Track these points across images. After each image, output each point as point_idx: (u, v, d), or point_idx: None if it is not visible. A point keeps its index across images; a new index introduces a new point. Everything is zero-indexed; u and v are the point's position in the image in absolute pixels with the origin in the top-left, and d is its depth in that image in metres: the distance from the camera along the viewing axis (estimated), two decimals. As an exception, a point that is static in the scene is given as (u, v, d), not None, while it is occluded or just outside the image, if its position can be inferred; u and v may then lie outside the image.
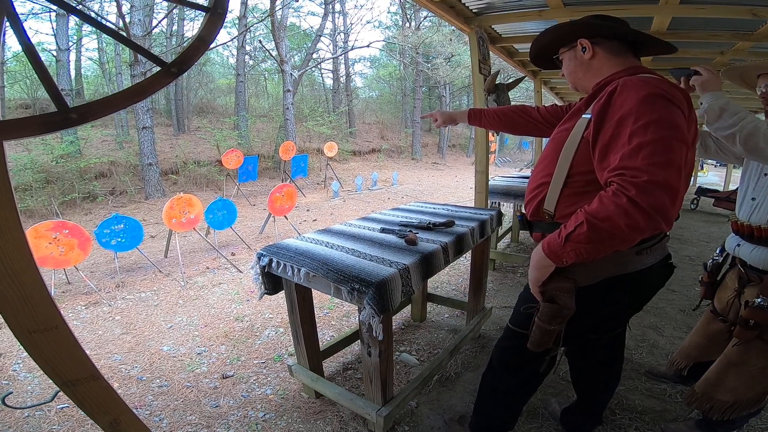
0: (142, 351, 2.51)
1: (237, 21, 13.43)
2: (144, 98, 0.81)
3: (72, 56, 9.94)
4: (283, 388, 2.08)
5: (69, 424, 1.82)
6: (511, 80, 2.89)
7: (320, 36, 15.90)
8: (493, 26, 3.29)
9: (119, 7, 7.34)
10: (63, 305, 3.18)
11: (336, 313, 2.94)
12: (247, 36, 13.88)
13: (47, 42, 12.30)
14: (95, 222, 6.66)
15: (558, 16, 2.85)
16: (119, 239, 3.61)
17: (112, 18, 9.92)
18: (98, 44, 14.51)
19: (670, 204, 0.82)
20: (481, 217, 2.14)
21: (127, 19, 7.78)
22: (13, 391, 1.98)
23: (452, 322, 2.73)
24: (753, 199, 1.41)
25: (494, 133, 3.34)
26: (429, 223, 1.90)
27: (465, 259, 3.64)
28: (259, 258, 1.64)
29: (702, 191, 7.08)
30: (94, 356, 2.44)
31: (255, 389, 2.09)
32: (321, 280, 1.42)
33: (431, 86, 20.34)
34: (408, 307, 2.81)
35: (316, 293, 1.96)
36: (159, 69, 0.84)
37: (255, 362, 2.34)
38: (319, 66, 18.45)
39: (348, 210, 7.26)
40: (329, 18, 17.31)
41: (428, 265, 1.54)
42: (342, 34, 19.02)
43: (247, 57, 16.06)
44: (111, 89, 12.46)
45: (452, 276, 3.55)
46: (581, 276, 1.03)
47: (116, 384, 2.18)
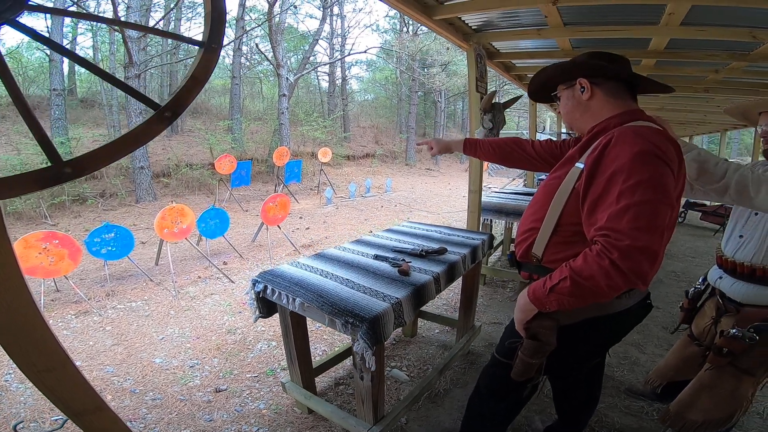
0: (134, 363, 2.51)
1: (234, 23, 13.42)
2: (139, 146, 0.82)
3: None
4: (276, 403, 2.10)
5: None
6: (507, 99, 2.92)
7: (318, 40, 15.93)
8: (492, 43, 3.37)
9: (115, 7, 7.32)
10: (52, 314, 3.17)
11: (328, 327, 2.97)
12: (244, 37, 13.84)
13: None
14: (84, 225, 6.61)
15: (557, 35, 2.92)
16: (110, 248, 3.60)
17: (109, 16, 9.82)
18: (93, 42, 14.39)
19: (649, 268, 0.87)
20: (473, 243, 2.20)
21: (122, 19, 7.74)
22: (24, 421, 1.97)
23: (442, 338, 2.78)
24: (741, 236, 1.47)
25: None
26: (422, 251, 1.95)
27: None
28: (254, 284, 1.68)
29: (689, 205, 7.21)
30: (86, 367, 2.45)
31: (248, 403, 2.12)
32: (315, 311, 1.47)
33: (426, 92, 20.49)
34: (399, 322, 2.86)
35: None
36: (153, 113, 0.83)
37: (248, 376, 2.37)
38: (316, 69, 18.48)
39: (341, 218, 7.29)
40: (327, 21, 17.36)
41: (420, 297, 1.60)
42: (339, 38, 19.08)
43: (243, 59, 16.02)
44: (105, 88, 12.32)
45: (444, 292, 3.58)
46: (563, 316, 1.09)
47: (109, 396, 2.19)
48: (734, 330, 1.39)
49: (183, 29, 15.55)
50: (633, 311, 1.15)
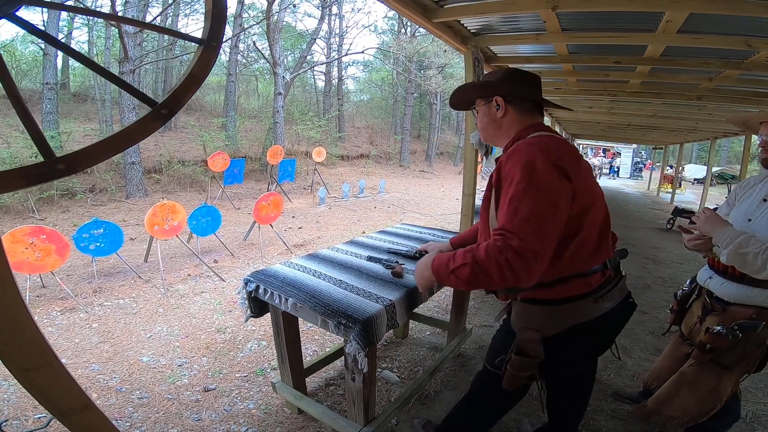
0: (121, 361, 2.47)
1: (232, 20, 13.33)
2: (134, 144, 0.81)
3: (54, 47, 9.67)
4: (266, 403, 2.08)
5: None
6: None
7: (315, 39, 15.89)
8: (490, 47, 3.38)
9: (113, 2, 7.25)
10: (37, 311, 3.11)
11: (319, 327, 2.95)
12: (241, 35, 13.76)
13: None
14: (73, 220, 6.51)
15: (555, 41, 2.93)
16: (98, 244, 3.55)
17: (106, 10, 9.71)
18: (88, 37, 14.21)
19: (538, 268, 0.98)
20: (466, 244, 2.20)
21: (120, 14, 7.67)
22: (8, 420, 1.93)
23: (433, 340, 2.78)
24: None
25: (482, 157, 3.40)
26: (416, 252, 1.94)
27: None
28: (246, 284, 1.67)
29: (678, 211, 7.28)
30: (71, 365, 2.40)
31: (237, 403, 2.09)
32: (308, 312, 1.46)
33: (422, 93, 20.54)
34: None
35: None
36: (149, 111, 0.82)
37: (237, 375, 2.34)
38: (312, 69, 18.43)
39: (334, 218, 7.26)
40: (325, 20, 17.33)
41: (413, 299, 1.59)
42: (337, 38, 19.05)
43: (240, 56, 15.93)
44: (98, 83, 12.16)
45: (435, 295, 3.59)
46: (548, 328, 1.15)
47: (95, 395, 2.15)
48: (719, 327, 1.43)
49: (180, 25, 15.44)
50: (615, 313, 1.20)
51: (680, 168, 13.40)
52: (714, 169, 14.13)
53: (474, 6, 2.51)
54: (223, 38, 0.95)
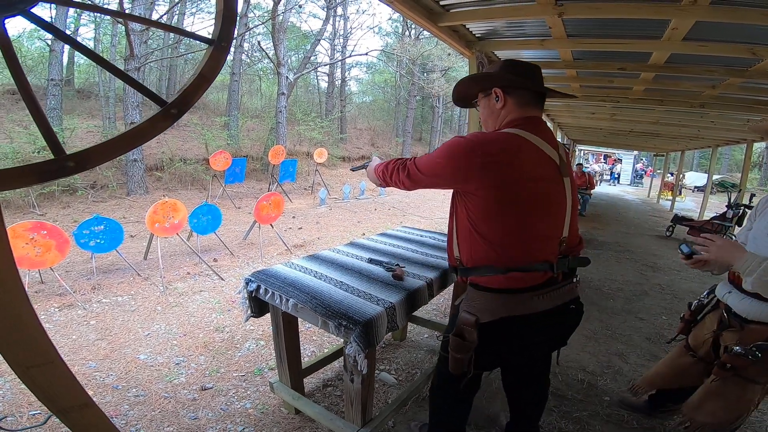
0: (118, 358, 2.47)
1: (237, 19, 13.34)
2: (144, 142, 0.81)
3: (66, 44, 9.73)
4: (263, 403, 2.08)
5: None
6: None
7: (320, 40, 15.92)
8: (494, 51, 3.38)
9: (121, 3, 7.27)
10: (35, 306, 3.04)
11: (318, 328, 2.94)
12: (246, 34, 13.80)
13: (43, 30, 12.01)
14: (73, 216, 6.51)
15: (560, 47, 2.94)
16: (98, 240, 3.54)
17: (114, 7, 9.75)
18: (95, 34, 14.25)
19: (409, 178, 1.27)
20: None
21: (127, 12, 7.68)
22: (9, 416, 1.92)
23: (431, 343, 2.77)
24: None
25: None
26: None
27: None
28: (247, 283, 1.67)
29: (677, 219, 7.30)
30: (68, 362, 2.34)
31: (234, 402, 2.09)
32: (309, 313, 1.46)
33: (425, 96, 20.56)
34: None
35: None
36: (159, 110, 0.82)
37: (235, 375, 2.34)
38: (316, 69, 18.47)
39: (334, 219, 7.26)
40: (330, 21, 17.37)
41: (413, 302, 1.60)
42: (341, 39, 19.09)
43: (244, 55, 15.95)
44: (103, 80, 12.18)
45: (434, 298, 3.57)
46: (483, 314, 1.18)
47: (91, 392, 2.12)
48: (738, 348, 1.42)
49: (186, 24, 15.49)
50: (554, 314, 1.21)
51: (681, 175, 13.41)
52: (715, 177, 14.11)
53: (480, 11, 2.52)
54: (233, 40, 0.95)
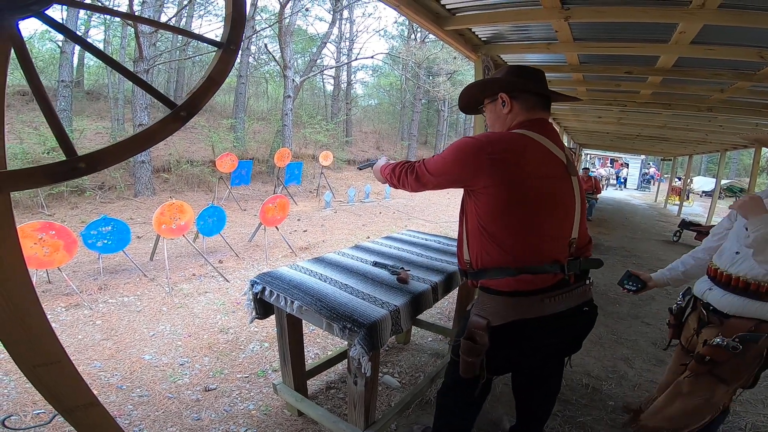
0: (123, 358, 2.48)
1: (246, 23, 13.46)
2: (154, 144, 0.82)
3: (76, 46, 9.88)
4: (266, 404, 2.08)
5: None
6: None
7: (326, 43, 16.02)
8: (500, 55, 3.38)
9: (131, 2, 7.37)
10: (42, 306, 3.12)
11: (322, 330, 2.94)
12: (253, 37, 13.92)
13: (54, 32, 12.22)
14: (81, 217, 6.57)
15: (566, 50, 2.93)
16: (106, 241, 3.57)
17: (124, 10, 9.87)
18: (104, 36, 14.45)
19: (413, 182, 1.29)
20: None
21: (137, 14, 7.79)
22: (13, 415, 1.93)
23: (435, 346, 2.76)
24: (737, 252, 1.49)
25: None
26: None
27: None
28: (253, 285, 1.68)
29: (685, 224, 7.22)
30: (73, 362, 2.39)
31: (237, 404, 2.09)
32: (313, 315, 1.46)
33: (430, 99, 20.58)
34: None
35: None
36: (169, 112, 0.83)
37: (238, 376, 2.34)
38: (322, 72, 18.57)
39: (339, 222, 7.27)
40: (336, 25, 17.47)
41: (417, 305, 1.60)
42: (347, 42, 19.18)
43: (251, 58, 16.09)
44: (112, 81, 12.34)
45: (439, 301, 3.55)
46: (494, 317, 1.18)
47: (96, 392, 2.11)
48: (719, 339, 1.41)
49: (194, 26, 15.64)
50: (566, 317, 1.20)
51: (688, 180, 13.28)
52: (723, 182, 13.98)
53: (486, 15, 2.52)
54: (241, 43, 0.96)
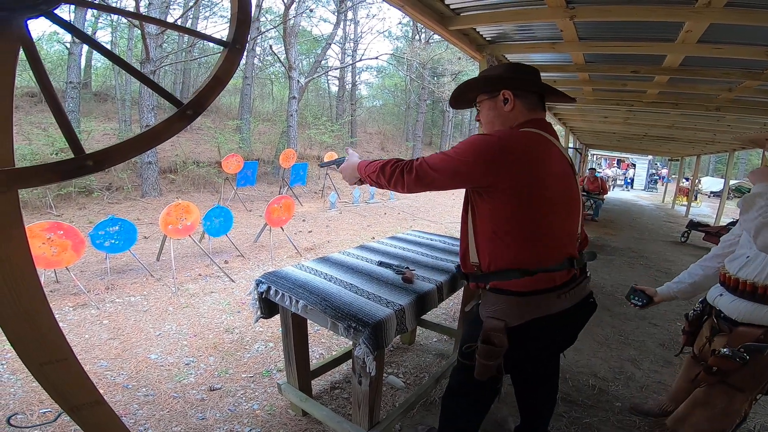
0: (129, 358, 2.50)
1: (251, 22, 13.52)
2: (160, 143, 0.82)
3: (84, 47, 10.00)
4: (270, 404, 2.08)
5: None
6: None
7: (330, 44, 16.04)
8: (505, 55, 3.36)
9: (137, 2, 7.44)
10: (50, 305, 3.16)
11: (326, 330, 2.95)
12: (258, 38, 14.00)
13: (62, 33, 12.39)
14: (89, 217, 6.64)
15: (571, 50, 2.91)
16: (113, 241, 3.60)
17: (130, 10, 9.98)
18: (111, 38, 14.59)
19: (415, 183, 1.18)
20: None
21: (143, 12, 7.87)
22: (19, 413, 1.95)
23: (440, 347, 2.75)
24: (747, 257, 1.48)
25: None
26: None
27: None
28: (258, 284, 1.68)
29: (693, 225, 7.14)
30: (80, 361, 2.42)
31: (242, 403, 2.09)
32: (318, 314, 1.46)
33: (435, 100, 20.55)
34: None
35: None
36: (175, 111, 0.84)
37: (243, 376, 2.35)
38: (327, 73, 18.62)
39: (344, 223, 7.28)
40: (340, 26, 17.51)
41: (422, 305, 1.59)
42: (352, 43, 19.22)
43: (256, 60, 16.17)
44: (119, 83, 12.47)
45: (443, 301, 3.55)
46: (511, 318, 1.18)
47: (101, 391, 2.12)
48: (725, 350, 1.40)
49: (200, 27, 15.77)
50: (575, 311, 1.23)
51: (696, 180, 13.14)
52: (732, 182, 13.81)
53: (490, 14, 2.52)
54: (247, 43, 0.97)
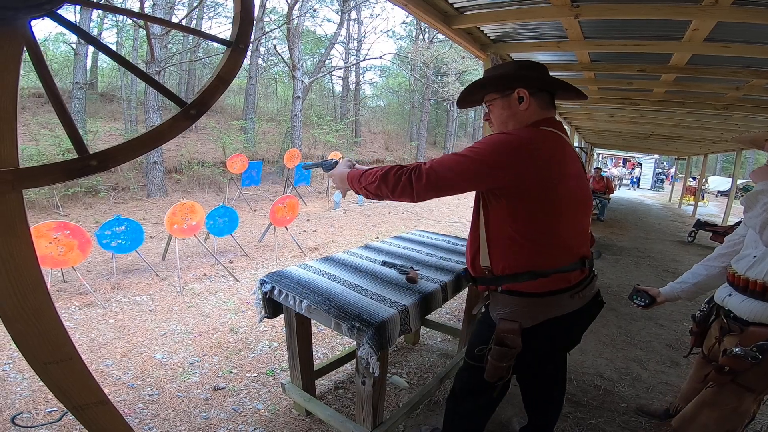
0: (135, 357, 2.51)
1: (255, 22, 13.58)
2: (164, 143, 0.83)
3: (90, 48, 10.08)
4: (274, 404, 2.09)
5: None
6: None
7: (334, 44, 16.07)
8: (509, 53, 3.34)
9: (142, 3, 7.49)
10: (57, 305, 3.15)
11: (330, 330, 2.95)
12: (262, 38, 14.04)
13: (68, 34, 12.49)
14: (95, 217, 6.69)
15: (576, 48, 2.89)
16: (120, 241, 3.63)
17: (135, 9, 10.06)
18: (117, 38, 14.71)
19: (425, 188, 1.08)
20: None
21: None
22: (24, 412, 1.96)
23: (444, 346, 2.74)
24: (754, 257, 1.47)
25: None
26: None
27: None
28: (262, 284, 1.68)
29: (700, 224, 7.07)
30: (86, 360, 2.40)
31: (246, 403, 2.10)
32: (322, 314, 1.46)
33: (439, 100, 20.51)
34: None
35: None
36: (179, 111, 0.84)
37: (247, 375, 2.35)
38: (331, 73, 18.64)
39: (348, 222, 7.28)
40: (344, 26, 17.53)
41: (427, 305, 1.59)
42: (355, 43, 19.22)
43: (260, 60, 16.22)
44: (125, 83, 12.57)
45: (448, 301, 3.54)
46: (526, 319, 1.18)
47: (107, 390, 2.15)
48: (737, 349, 1.38)
49: (204, 28, 15.82)
50: (586, 309, 1.25)
51: (703, 180, 13.02)
52: (739, 182, 13.65)
53: (494, 13, 2.50)
54: (250, 42, 0.97)
